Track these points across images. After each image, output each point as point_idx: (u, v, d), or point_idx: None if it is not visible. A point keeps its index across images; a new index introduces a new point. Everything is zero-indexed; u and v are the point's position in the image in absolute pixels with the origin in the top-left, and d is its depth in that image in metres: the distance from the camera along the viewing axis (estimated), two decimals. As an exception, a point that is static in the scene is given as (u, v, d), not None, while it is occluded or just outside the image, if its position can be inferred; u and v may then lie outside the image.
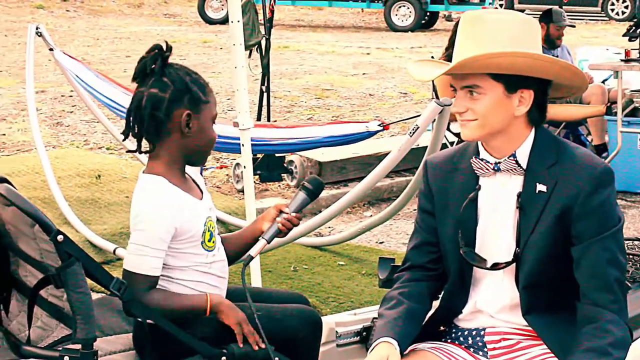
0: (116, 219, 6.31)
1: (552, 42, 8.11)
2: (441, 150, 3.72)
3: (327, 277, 5.48)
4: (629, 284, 2.91)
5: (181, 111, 2.73)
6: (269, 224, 2.90)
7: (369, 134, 5.22)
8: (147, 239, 2.70)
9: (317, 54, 15.79)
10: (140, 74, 2.76)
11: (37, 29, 6.41)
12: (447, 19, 22.37)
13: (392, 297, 2.73)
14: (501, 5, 23.15)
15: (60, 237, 2.46)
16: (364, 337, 3.26)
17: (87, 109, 8.17)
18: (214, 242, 2.84)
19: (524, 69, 2.54)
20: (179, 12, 23.22)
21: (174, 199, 2.73)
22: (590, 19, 23.03)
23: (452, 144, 7.04)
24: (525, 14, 2.71)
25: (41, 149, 6.70)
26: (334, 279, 5.44)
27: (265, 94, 7.79)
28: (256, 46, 7.54)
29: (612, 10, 23.75)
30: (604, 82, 8.40)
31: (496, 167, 2.62)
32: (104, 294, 3.41)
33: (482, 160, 2.63)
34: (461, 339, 2.73)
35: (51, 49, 6.45)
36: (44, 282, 2.60)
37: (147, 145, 2.81)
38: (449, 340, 2.75)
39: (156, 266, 2.72)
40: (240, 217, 6.20)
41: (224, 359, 2.74)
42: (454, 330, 2.76)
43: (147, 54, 2.76)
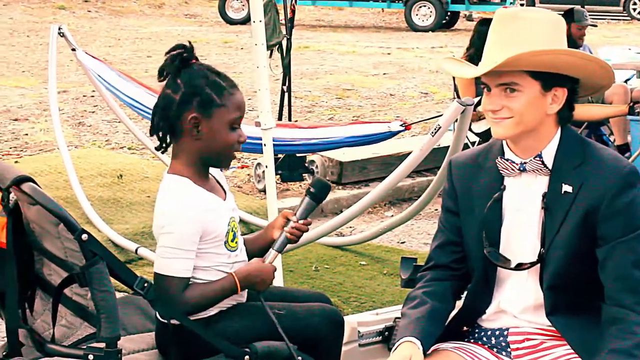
0: (138, 218, 6.32)
1: (574, 42, 8.05)
2: (463, 150, 3.71)
3: (348, 277, 5.47)
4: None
5: (188, 114, 2.71)
6: (279, 232, 2.90)
7: (391, 134, 5.22)
8: (176, 241, 2.69)
9: (338, 54, 15.78)
10: (160, 73, 2.78)
11: (59, 29, 6.44)
12: (468, 18, 22.31)
13: (416, 296, 2.73)
14: (522, 4, 23.06)
15: (84, 236, 2.47)
16: (386, 337, 3.26)
17: (108, 109, 8.21)
18: (236, 242, 2.84)
19: (564, 67, 2.54)
20: (200, 13, 23.27)
21: (200, 200, 2.73)
22: (612, 19, 22.91)
23: (473, 144, 7.01)
24: (547, 13, 2.70)
25: (63, 149, 6.73)
26: (356, 279, 5.43)
27: (286, 94, 7.80)
28: (277, 46, 7.54)
29: (634, 9, 23.64)
30: (626, 81, 8.35)
31: (522, 168, 2.61)
32: (127, 293, 3.43)
33: (507, 160, 2.63)
34: (484, 339, 2.72)
35: (74, 49, 6.48)
36: (68, 280, 2.61)
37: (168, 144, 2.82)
38: (472, 340, 2.74)
39: (188, 267, 2.72)
40: (261, 217, 6.21)
41: (247, 358, 2.74)
42: (477, 330, 2.75)
43: (166, 54, 2.77)
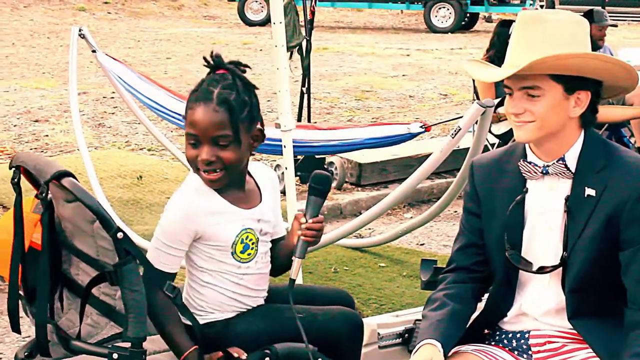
0: (157, 219, 6.25)
1: (594, 43, 8.01)
2: (483, 152, 3.70)
3: (367, 278, 5.47)
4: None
5: None
6: (297, 237, 2.85)
7: (411, 136, 5.19)
8: (162, 233, 2.72)
9: (357, 56, 15.78)
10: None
11: (80, 31, 6.46)
12: (487, 20, 22.27)
13: (437, 298, 2.72)
14: (542, 6, 22.98)
15: (120, 235, 2.48)
16: (406, 339, 3.26)
17: (128, 110, 8.23)
18: (248, 254, 2.79)
19: (589, 71, 2.52)
20: (219, 14, 23.33)
21: (203, 202, 2.72)
22: (632, 20, 22.78)
23: (493, 145, 6.99)
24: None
25: (83, 150, 6.75)
26: (375, 281, 5.42)
27: (305, 96, 7.80)
28: (297, 47, 7.55)
29: (655, 10, 23.49)
30: (647, 83, 8.29)
31: (544, 171, 2.60)
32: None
33: (530, 163, 2.62)
34: (505, 341, 2.71)
35: (94, 51, 6.50)
36: (98, 279, 2.62)
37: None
38: (493, 342, 2.73)
39: (166, 263, 2.69)
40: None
41: (267, 360, 2.74)
42: (498, 332, 2.74)
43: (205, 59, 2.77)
